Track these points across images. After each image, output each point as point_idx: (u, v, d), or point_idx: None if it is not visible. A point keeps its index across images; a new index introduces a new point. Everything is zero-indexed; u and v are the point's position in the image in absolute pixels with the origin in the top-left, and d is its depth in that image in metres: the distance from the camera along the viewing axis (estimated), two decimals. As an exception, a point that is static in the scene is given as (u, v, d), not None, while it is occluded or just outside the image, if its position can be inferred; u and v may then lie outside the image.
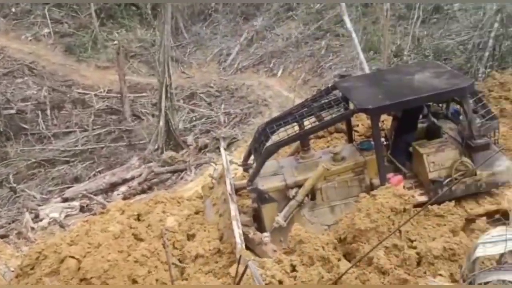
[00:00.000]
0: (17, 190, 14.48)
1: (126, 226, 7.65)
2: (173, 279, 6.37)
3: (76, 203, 12.84)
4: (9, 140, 17.66)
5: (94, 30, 22.29)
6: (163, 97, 15.63)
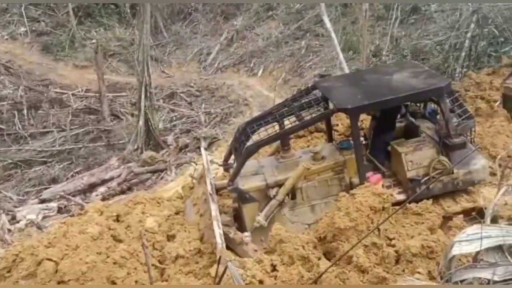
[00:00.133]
0: (-7, 191, 14.17)
1: (105, 227, 7.52)
2: (152, 280, 6.30)
3: (53, 205, 12.61)
4: (-16, 140, 17.27)
5: (71, 28, 21.92)
6: (143, 96, 15.44)
